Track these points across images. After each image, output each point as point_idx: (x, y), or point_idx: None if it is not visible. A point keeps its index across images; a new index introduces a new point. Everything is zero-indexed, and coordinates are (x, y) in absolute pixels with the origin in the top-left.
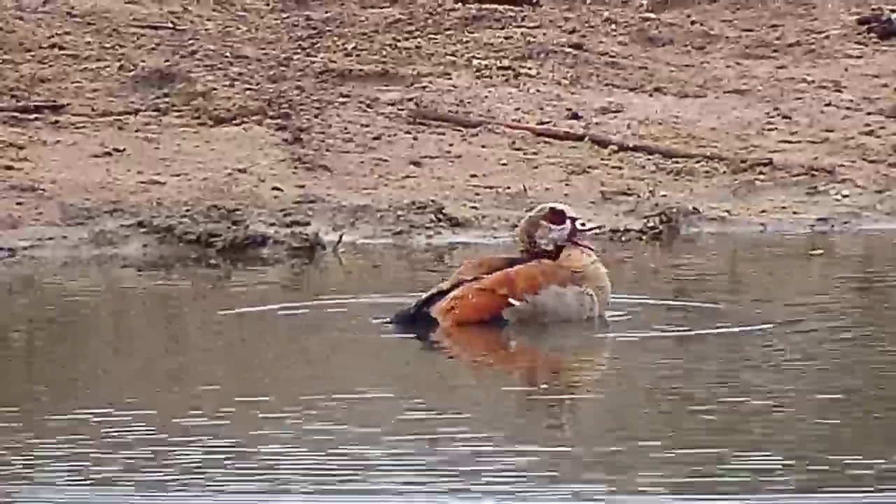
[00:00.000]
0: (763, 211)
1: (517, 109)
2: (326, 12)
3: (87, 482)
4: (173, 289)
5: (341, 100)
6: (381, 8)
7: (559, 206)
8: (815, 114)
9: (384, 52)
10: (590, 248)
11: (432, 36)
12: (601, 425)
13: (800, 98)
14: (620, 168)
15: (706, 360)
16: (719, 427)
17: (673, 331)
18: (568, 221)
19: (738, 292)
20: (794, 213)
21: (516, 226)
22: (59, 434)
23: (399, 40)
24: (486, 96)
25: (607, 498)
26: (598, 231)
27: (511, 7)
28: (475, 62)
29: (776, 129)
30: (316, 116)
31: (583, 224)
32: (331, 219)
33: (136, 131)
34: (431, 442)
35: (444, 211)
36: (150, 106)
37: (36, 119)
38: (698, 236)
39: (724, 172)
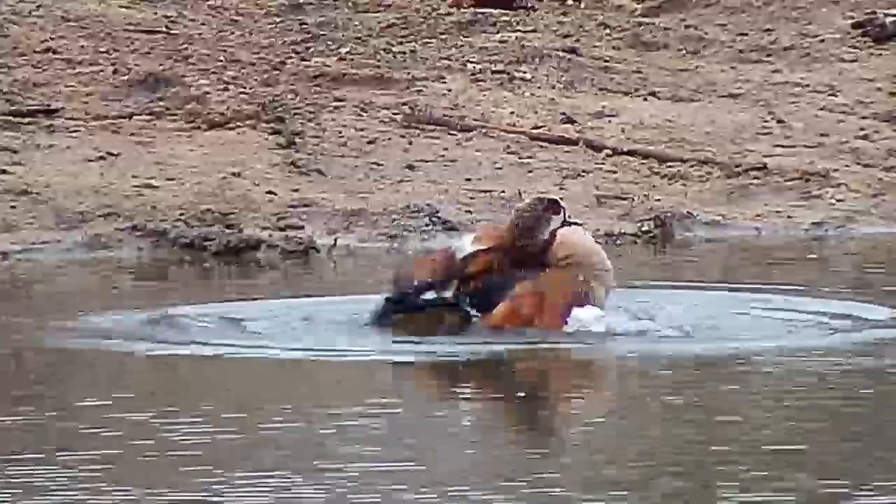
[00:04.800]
0: (758, 215)
1: (512, 113)
2: (321, 16)
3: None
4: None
5: (335, 104)
6: (376, 12)
7: (553, 197)
8: (809, 118)
9: (378, 57)
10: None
11: (427, 40)
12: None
13: (794, 102)
14: (615, 172)
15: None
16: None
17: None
18: (562, 211)
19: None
20: (789, 217)
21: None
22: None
23: (393, 44)
24: (481, 100)
25: None
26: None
27: (505, 11)
28: (470, 66)
29: (770, 133)
30: (310, 120)
31: (569, 216)
32: (325, 223)
33: (131, 135)
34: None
35: (438, 214)
36: (144, 110)
37: (30, 123)
38: (692, 240)
39: (719, 177)
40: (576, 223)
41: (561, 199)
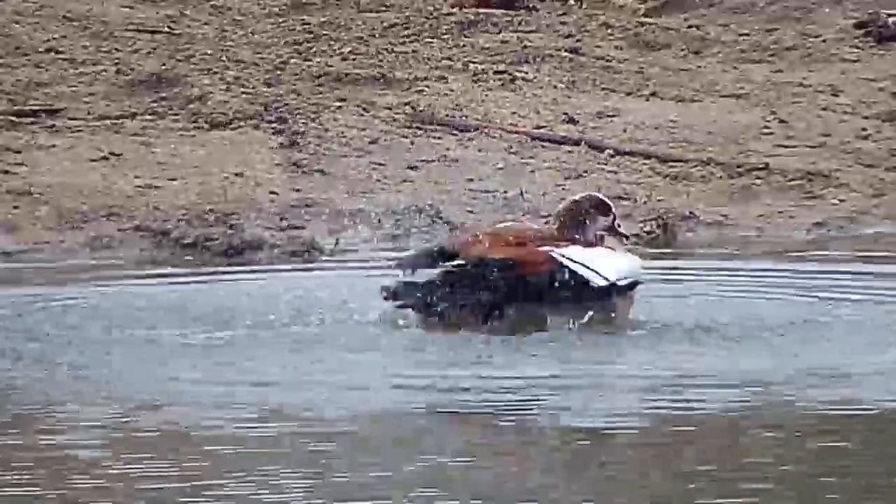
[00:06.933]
0: (760, 215)
1: (513, 113)
2: (323, 16)
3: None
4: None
5: (338, 104)
6: (378, 12)
7: (602, 197)
8: (811, 118)
9: (381, 57)
10: (625, 237)
11: (429, 40)
12: None
13: (796, 102)
14: (617, 172)
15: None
16: None
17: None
18: (611, 214)
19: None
20: (791, 217)
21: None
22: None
23: (395, 44)
24: (483, 100)
25: None
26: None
27: (507, 11)
28: (471, 66)
29: (773, 133)
30: (312, 120)
31: (618, 224)
32: (327, 223)
33: (133, 135)
34: None
35: (440, 215)
36: (146, 110)
37: (33, 123)
38: (695, 241)
39: (721, 177)
40: (623, 234)
41: (607, 200)
